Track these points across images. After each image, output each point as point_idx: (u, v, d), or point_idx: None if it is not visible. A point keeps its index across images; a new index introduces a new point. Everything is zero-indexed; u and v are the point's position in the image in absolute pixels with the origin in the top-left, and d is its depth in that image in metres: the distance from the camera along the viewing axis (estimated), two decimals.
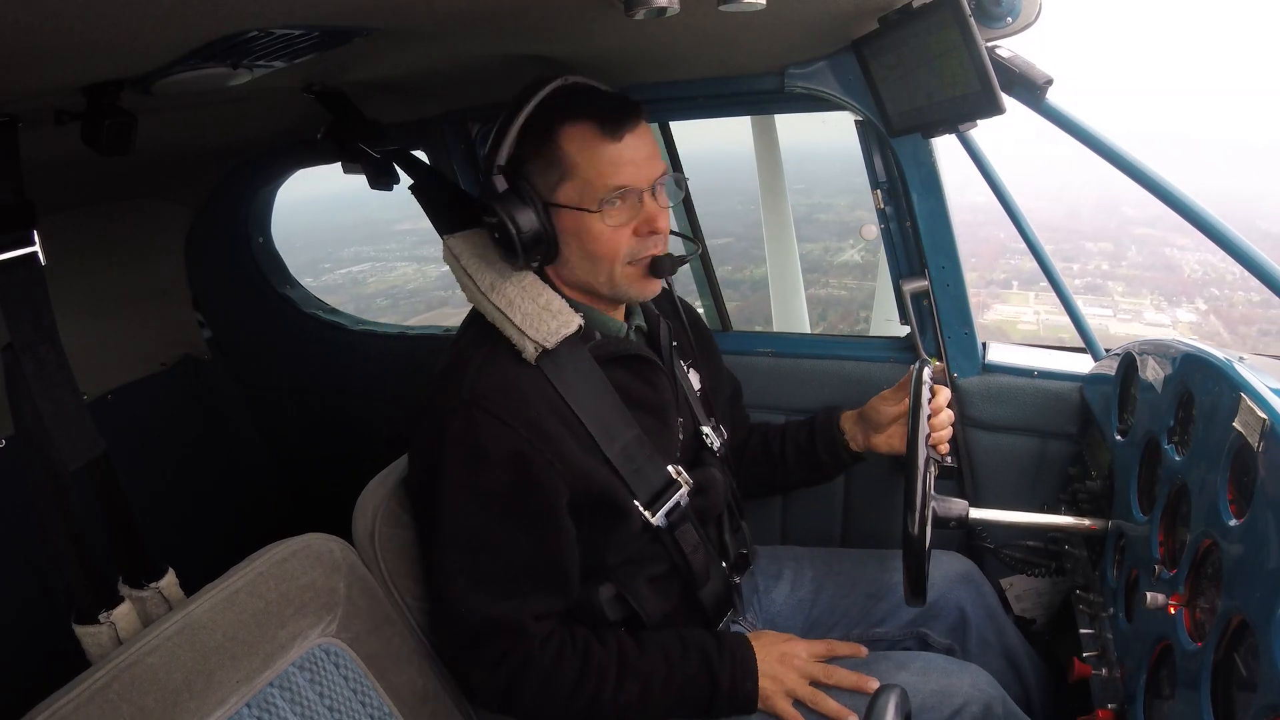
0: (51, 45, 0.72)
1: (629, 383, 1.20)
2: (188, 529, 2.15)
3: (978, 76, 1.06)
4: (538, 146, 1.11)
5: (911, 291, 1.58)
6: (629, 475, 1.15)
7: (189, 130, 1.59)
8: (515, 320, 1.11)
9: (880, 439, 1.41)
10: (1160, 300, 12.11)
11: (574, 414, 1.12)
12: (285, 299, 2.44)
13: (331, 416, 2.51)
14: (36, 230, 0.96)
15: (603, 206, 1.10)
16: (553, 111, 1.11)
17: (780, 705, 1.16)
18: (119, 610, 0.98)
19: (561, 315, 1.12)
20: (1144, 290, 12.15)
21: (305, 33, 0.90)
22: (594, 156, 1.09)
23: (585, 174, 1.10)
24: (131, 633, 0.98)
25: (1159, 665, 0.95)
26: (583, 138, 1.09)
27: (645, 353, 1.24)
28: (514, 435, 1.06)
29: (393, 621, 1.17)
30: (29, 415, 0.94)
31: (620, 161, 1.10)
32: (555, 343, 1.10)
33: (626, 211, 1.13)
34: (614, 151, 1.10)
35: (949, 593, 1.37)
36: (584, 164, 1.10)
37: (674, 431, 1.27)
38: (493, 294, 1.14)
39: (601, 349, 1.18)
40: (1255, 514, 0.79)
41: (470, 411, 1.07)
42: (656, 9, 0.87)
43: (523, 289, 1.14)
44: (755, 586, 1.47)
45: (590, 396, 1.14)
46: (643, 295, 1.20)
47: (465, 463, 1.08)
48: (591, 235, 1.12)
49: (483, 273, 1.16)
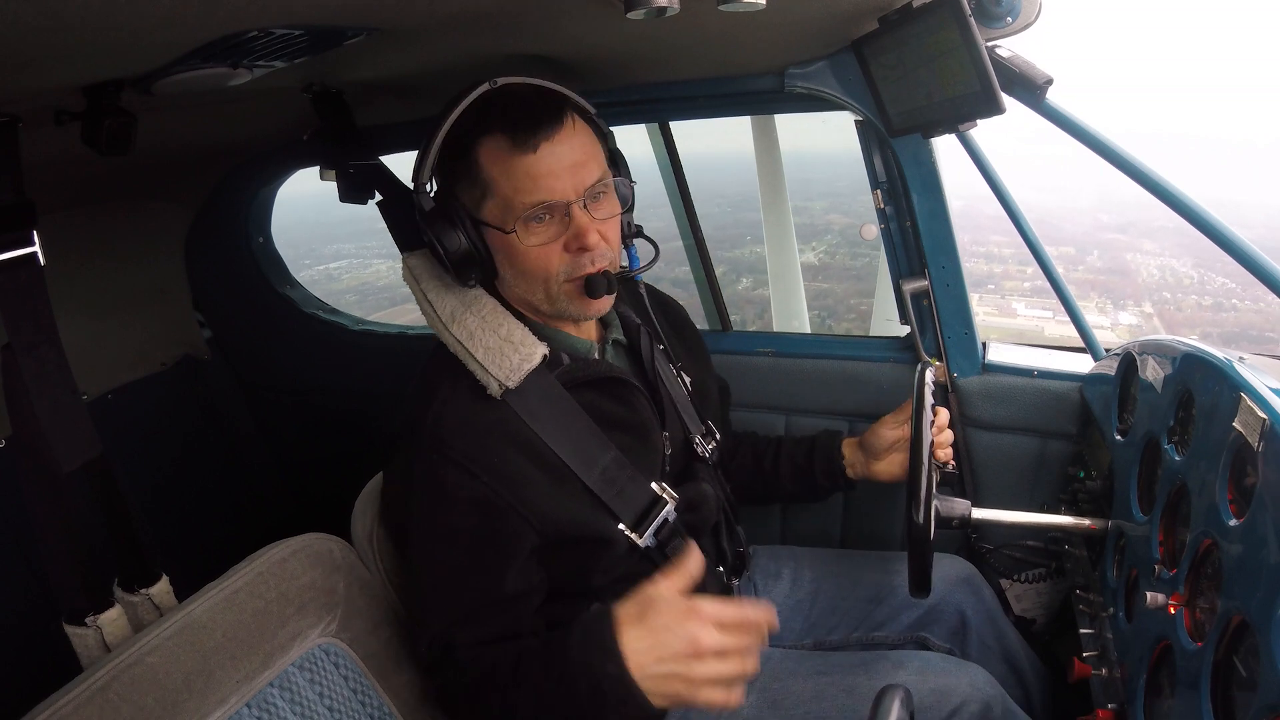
0: (51, 45, 0.72)
1: (602, 404, 1.15)
2: (188, 529, 2.15)
3: (978, 76, 1.06)
4: (460, 163, 1.06)
5: (911, 291, 1.58)
6: (611, 499, 1.12)
7: (189, 130, 1.59)
8: (477, 356, 1.06)
9: (881, 466, 1.40)
10: (1105, 303, 12.33)
11: (546, 445, 1.07)
12: (285, 299, 2.44)
13: (331, 416, 2.51)
14: (36, 230, 0.96)
15: (524, 224, 1.04)
16: (470, 124, 1.05)
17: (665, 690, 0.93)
18: (107, 615, 0.98)
19: (524, 347, 1.07)
20: (1092, 293, 12.38)
21: (305, 33, 0.90)
22: (508, 172, 1.02)
23: (503, 191, 1.03)
24: (119, 638, 0.98)
25: (1159, 665, 0.95)
26: (497, 152, 1.03)
27: (616, 373, 1.18)
28: (476, 482, 1.03)
29: (392, 621, 1.17)
30: (27, 415, 0.94)
31: (537, 175, 1.02)
32: (519, 380, 1.06)
33: (553, 228, 1.05)
34: (529, 165, 1.01)
35: (949, 596, 1.37)
36: (500, 180, 1.03)
37: (656, 448, 1.22)
38: (453, 325, 1.09)
39: (570, 375, 1.13)
40: (1255, 514, 0.79)
41: (433, 458, 1.05)
42: (656, 9, 0.86)
43: (483, 319, 1.09)
44: (754, 587, 1.47)
45: (561, 426, 1.09)
46: (586, 313, 1.13)
47: (431, 503, 1.07)
48: (518, 254, 1.06)
49: (442, 299, 1.12)
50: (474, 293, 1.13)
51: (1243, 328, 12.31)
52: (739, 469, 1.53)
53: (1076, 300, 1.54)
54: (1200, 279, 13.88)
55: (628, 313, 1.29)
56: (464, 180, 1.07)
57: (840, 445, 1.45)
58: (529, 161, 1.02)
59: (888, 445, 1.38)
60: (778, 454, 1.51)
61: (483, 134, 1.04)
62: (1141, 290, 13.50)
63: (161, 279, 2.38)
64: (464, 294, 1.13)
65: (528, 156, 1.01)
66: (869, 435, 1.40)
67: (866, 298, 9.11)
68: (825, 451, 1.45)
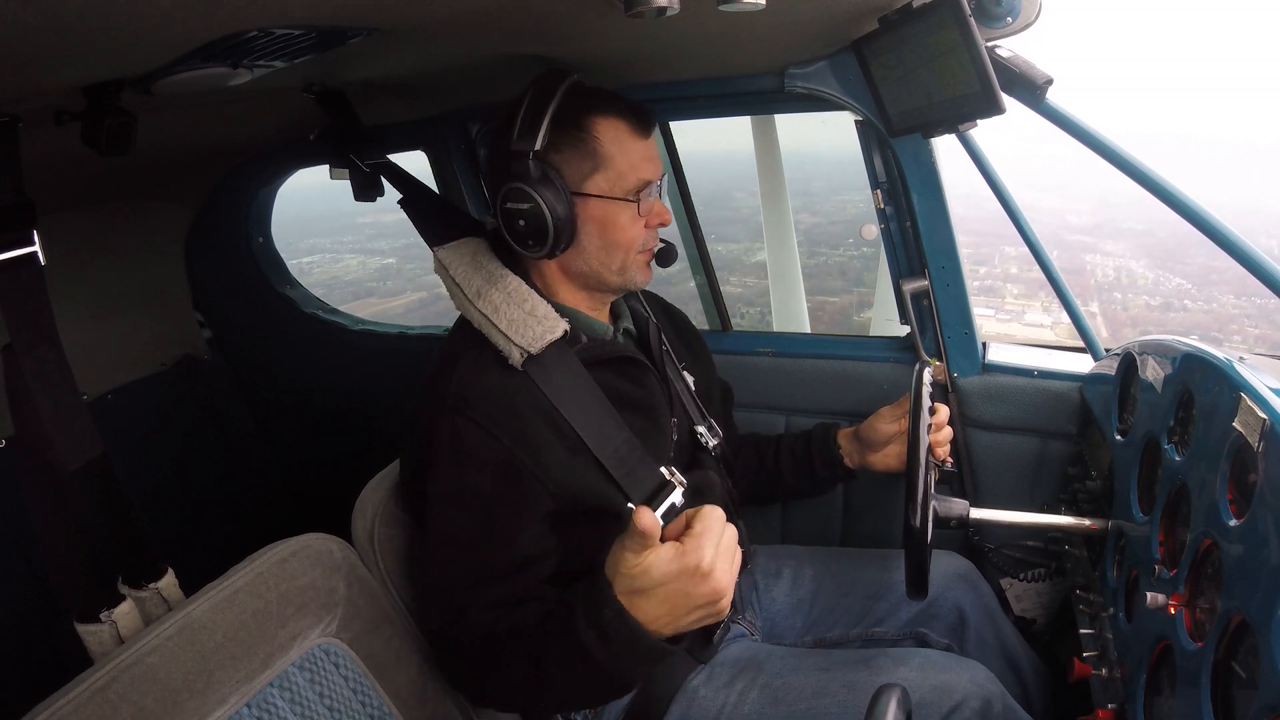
0: (51, 45, 0.72)
1: (617, 384, 1.21)
2: (188, 529, 2.15)
3: (978, 76, 1.06)
4: (569, 136, 1.14)
5: (911, 291, 1.58)
6: (622, 478, 1.15)
7: (189, 130, 1.59)
8: (501, 326, 1.11)
9: (876, 457, 1.41)
10: (1050, 303, 12.54)
11: (563, 418, 1.12)
12: (285, 299, 2.44)
13: (331, 416, 2.51)
14: (36, 230, 0.96)
15: (637, 197, 1.16)
16: (585, 104, 1.14)
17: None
18: (120, 609, 0.98)
19: (547, 321, 1.12)
20: (1040, 293, 12.58)
21: (305, 33, 0.90)
22: (628, 150, 1.15)
23: (619, 166, 1.15)
24: (133, 631, 0.98)
25: (1159, 665, 0.95)
26: (617, 131, 1.15)
27: (632, 353, 1.25)
28: (498, 444, 1.07)
29: (392, 621, 1.17)
30: (28, 415, 0.94)
31: (648, 157, 1.17)
32: (540, 348, 1.10)
33: (647, 204, 1.18)
34: (644, 148, 1.17)
35: (947, 593, 1.37)
36: (618, 156, 1.15)
37: (666, 432, 1.27)
38: (479, 301, 1.15)
39: (588, 352, 1.19)
40: (1255, 514, 0.79)
41: (455, 419, 1.08)
42: (656, 9, 0.86)
43: (508, 295, 1.15)
44: (754, 585, 1.47)
45: (579, 400, 1.14)
46: (644, 282, 1.25)
47: (451, 465, 1.09)
48: (617, 225, 1.16)
49: (470, 279, 1.18)
50: (500, 271, 1.18)
51: (1188, 328, 12.72)
52: (743, 469, 1.54)
53: (1021, 299, 1.55)
54: (1155, 280, 14.05)
55: (637, 306, 1.36)
56: (569, 152, 1.14)
57: (836, 436, 1.47)
58: (644, 145, 1.18)
59: (884, 439, 1.39)
60: (778, 450, 1.53)
61: (600, 114, 1.15)
62: (1092, 290, 13.79)
63: (161, 279, 2.38)
64: (490, 273, 1.18)
65: (643, 141, 1.17)
66: (865, 428, 1.41)
67: (815, 295, 9.06)
68: (822, 443, 1.48)
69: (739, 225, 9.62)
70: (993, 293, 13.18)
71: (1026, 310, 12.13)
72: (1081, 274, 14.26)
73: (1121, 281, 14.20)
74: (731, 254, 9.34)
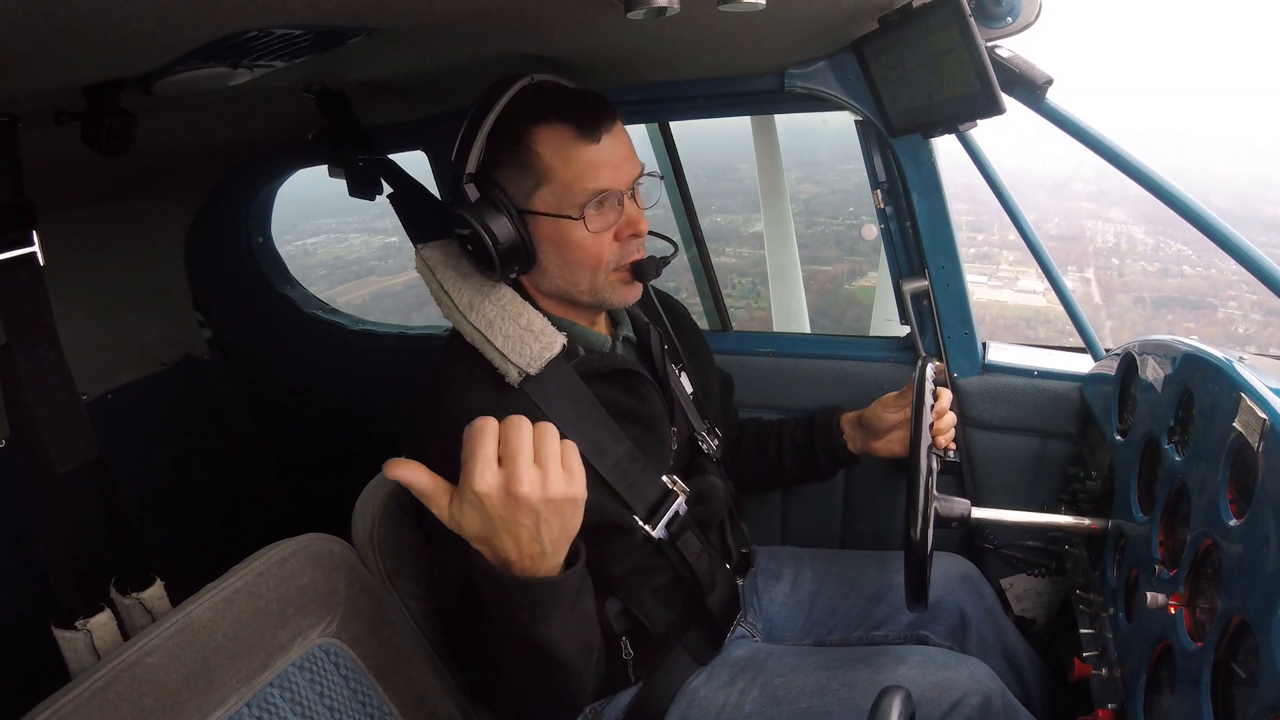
0: (51, 45, 0.72)
1: (615, 396, 1.17)
2: (188, 529, 2.15)
3: (978, 76, 1.06)
4: (509, 151, 1.06)
5: (911, 291, 1.58)
6: (624, 490, 1.13)
7: (189, 130, 1.59)
8: (496, 344, 1.07)
9: (880, 444, 1.41)
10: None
11: (561, 435, 1.09)
12: (285, 299, 2.44)
13: (331, 416, 2.51)
14: (36, 230, 0.96)
15: (584, 212, 1.05)
16: (524, 113, 1.06)
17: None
18: (97, 619, 0.97)
19: (544, 336, 1.08)
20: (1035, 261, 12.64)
21: (305, 33, 0.90)
22: (571, 160, 1.04)
23: (563, 178, 1.05)
24: (109, 643, 0.98)
25: (1159, 665, 0.95)
26: (558, 140, 1.04)
27: (631, 366, 1.20)
28: None
29: (392, 621, 1.17)
30: (23, 417, 0.94)
31: (599, 164, 1.05)
32: (539, 367, 1.06)
33: (608, 216, 1.08)
34: (592, 154, 1.05)
35: (949, 594, 1.37)
36: (561, 168, 1.05)
37: (666, 441, 1.24)
38: (471, 314, 1.09)
39: (586, 365, 1.15)
40: (1255, 514, 0.79)
41: (448, 442, 1.01)
42: (656, 9, 0.86)
43: (502, 308, 1.10)
44: (755, 587, 1.47)
45: (577, 415, 1.10)
46: (625, 301, 1.16)
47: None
48: (572, 243, 1.07)
49: (460, 289, 1.12)
50: (492, 286, 1.13)
51: (1183, 293, 12.72)
52: (744, 456, 1.54)
53: (1016, 266, 1.55)
54: (1155, 245, 13.90)
55: (638, 312, 1.31)
56: (511, 168, 1.07)
57: (839, 421, 1.47)
58: (592, 151, 1.05)
59: (888, 427, 1.39)
60: (779, 436, 1.52)
61: (538, 123, 1.05)
62: (1089, 256, 13.70)
63: (161, 279, 2.38)
64: (481, 284, 1.12)
65: (591, 146, 1.05)
66: (869, 414, 1.41)
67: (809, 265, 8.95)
68: (824, 428, 1.47)
69: (741, 197, 9.61)
70: (988, 259, 13.06)
71: (1020, 277, 12.08)
72: (1080, 240, 14.14)
73: (1120, 248, 14.05)
74: (730, 225, 9.33)
